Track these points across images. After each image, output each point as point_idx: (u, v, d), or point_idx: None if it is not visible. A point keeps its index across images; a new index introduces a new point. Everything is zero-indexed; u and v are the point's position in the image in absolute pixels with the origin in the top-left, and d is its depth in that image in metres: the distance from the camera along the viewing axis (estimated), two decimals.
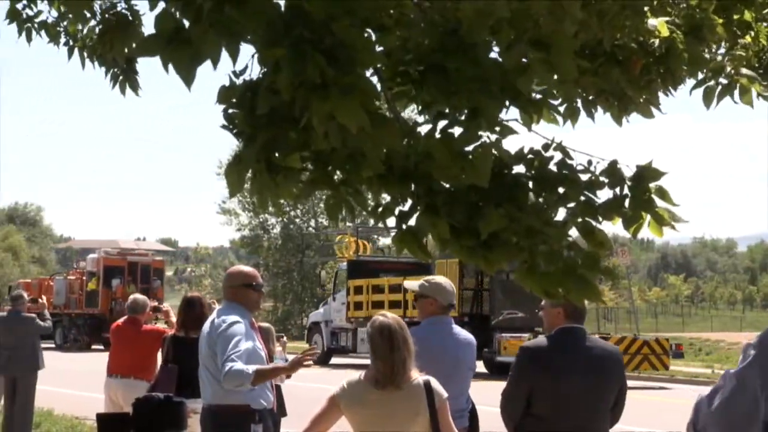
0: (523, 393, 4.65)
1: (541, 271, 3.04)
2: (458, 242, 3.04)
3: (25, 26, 4.66)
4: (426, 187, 3.02)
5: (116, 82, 4.79)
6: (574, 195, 3.12)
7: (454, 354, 5.26)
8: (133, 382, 8.55)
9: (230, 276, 5.60)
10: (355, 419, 4.13)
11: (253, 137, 2.83)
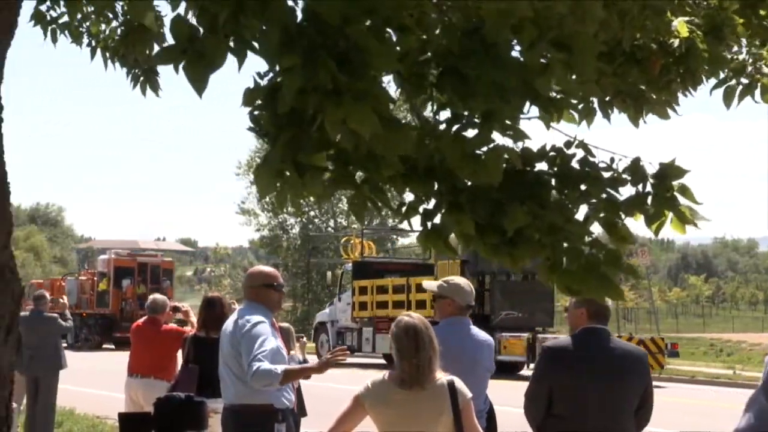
0: (544, 393, 4.64)
1: (563, 269, 3.04)
2: (482, 239, 3.05)
3: (49, 28, 4.69)
4: (450, 184, 3.03)
5: (137, 82, 4.82)
6: (597, 192, 3.11)
7: (472, 355, 5.26)
8: (153, 382, 8.58)
9: (251, 276, 5.61)
10: (379, 419, 4.14)
11: (277, 137, 2.85)
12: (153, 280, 34.59)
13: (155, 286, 33.60)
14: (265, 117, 2.87)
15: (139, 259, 35.68)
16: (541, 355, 4.85)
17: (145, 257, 36.24)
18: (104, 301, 34.41)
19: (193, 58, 2.53)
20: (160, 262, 36.33)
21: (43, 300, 10.85)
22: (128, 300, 33.86)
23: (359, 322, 25.76)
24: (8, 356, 2.60)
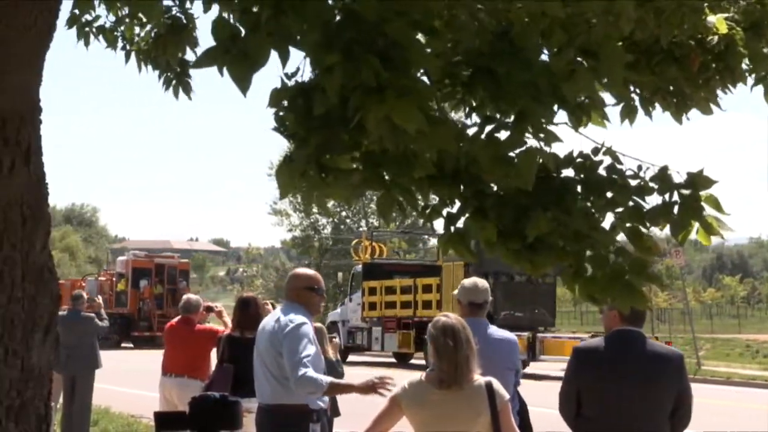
0: (573, 393, 4.63)
1: (587, 276, 3.02)
2: (504, 245, 3.03)
3: (83, 31, 4.73)
4: (475, 189, 3.02)
5: (169, 85, 4.85)
6: (623, 200, 3.09)
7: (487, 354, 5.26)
8: (187, 381, 8.63)
9: (296, 278, 5.61)
10: (415, 419, 4.13)
11: (306, 139, 2.85)
12: (169, 281, 35.69)
13: (172, 287, 35.36)
14: (291, 118, 2.88)
15: (156, 260, 36.81)
16: (571, 355, 4.83)
17: (161, 259, 37.45)
18: (122, 301, 35.23)
19: (236, 58, 2.55)
20: (176, 263, 37.40)
21: (81, 300, 10.96)
22: (145, 300, 34.86)
23: (369, 322, 26.40)
24: (47, 355, 2.63)
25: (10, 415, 2.47)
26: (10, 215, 2.51)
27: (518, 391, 5.43)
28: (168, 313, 35.54)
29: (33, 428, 2.55)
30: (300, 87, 2.85)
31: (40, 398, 2.59)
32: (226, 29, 2.58)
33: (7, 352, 2.48)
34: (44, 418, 2.62)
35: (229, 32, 2.57)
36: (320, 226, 54.31)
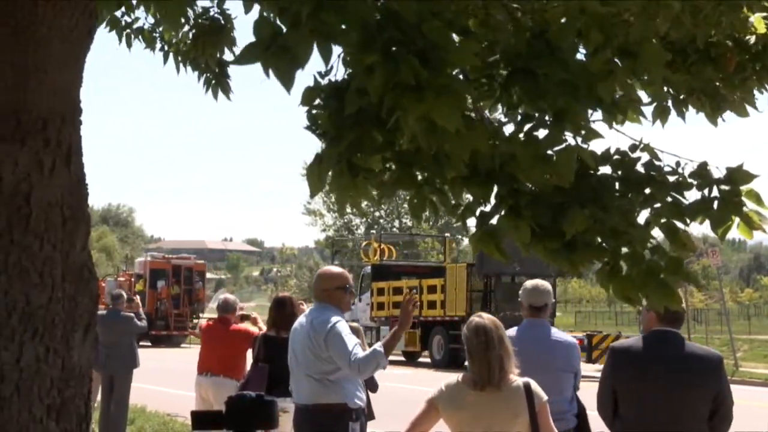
0: (609, 393, 4.60)
1: (623, 275, 3.00)
2: (542, 244, 3.02)
3: (124, 33, 4.78)
4: (510, 188, 3.01)
5: (209, 86, 4.89)
6: (662, 196, 3.06)
7: (544, 356, 5.24)
8: (222, 381, 8.70)
9: (327, 278, 5.63)
10: (452, 421, 4.13)
11: (337, 138, 2.86)
12: (186, 282, 36.79)
13: (188, 287, 36.67)
14: (323, 117, 2.88)
15: (173, 261, 37.88)
16: (607, 355, 4.80)
17: (178, 260, 38.49)
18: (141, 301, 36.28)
19: (278, 54, 2.55)
20: (192, 264, 38.47)
21: (121, 300, 11.08)
22: (163, 300, 35.64)
23: (377, 321, 26.95)
24: (87, 354, 2.66)
25: (51, 414, 2.50)
26: (51, 216, 2.54)
27: (577, 395, 5.42)
28: (184, 313, 36.64)
29: (74, 427, 2.58)
30: (333, 86, 2.86)
31: (81, 397, 2.62)
32: (268, 27, 2.59)
33: (48, 351, 2.51)
34: (84, 416, 2.64)
35: (270, 30, 2.58)
36: (354, 226, 54.41)
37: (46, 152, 2.51)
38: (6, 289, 2.42)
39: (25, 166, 2.47)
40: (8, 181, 2.43)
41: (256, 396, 3.34)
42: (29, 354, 2.45)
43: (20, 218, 2.46)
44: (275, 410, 3.39)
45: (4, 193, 2.43)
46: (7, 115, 2.42)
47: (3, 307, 2.41)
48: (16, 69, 2.42)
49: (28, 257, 2.47)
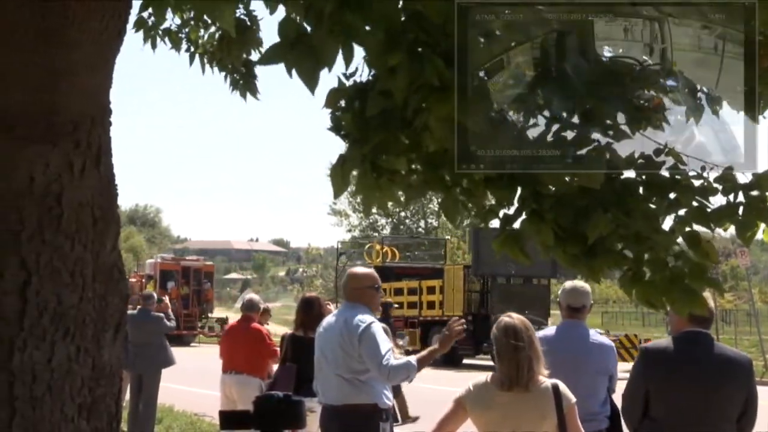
0: (639, 394, 4.58)
1: (646, 280, 2.98)
2: (562, 248, 3.01)
3: (150, 34, 4.81)
4: (533, 191, 2.99)
5: (235, 86, 4.90)
6: (687, 201, 3.04)
7: (581, 357, 5.26)
8: (246, 379, 8.80)
9: (359, 278, 5.65)
10: (480, 421, 4.12)
11: (361, 140, 2.85)
12: (195, 283, 38.27)
13: (197, 288, 38.14)
14: (347, 118, 2.88)
15: (182, 263, 39.51)
16: (638, 356, 4.79)
17: (188, 261, 40.26)
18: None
19: (302, 54, 2.56)
20: (201, 266, 40.00)
21: (151, 300, 11.22)
22: (172, 300, 37.73)
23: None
24: (117, 354, 2.67)
25: (82, 413, 2.52)
26: (82, 216, 2.56)
27: (611, 397, 5.41)
28: (193, 313, 37.80)
29: (104, 425, 2.60)
30: (357, 87, 2.86)
31: (111, 396, 2.64)
32: (292, 27, 2.59)
33: (79, 351, 2.52)
34: (115, 415, 2.66)
35: (295, 30, 2.58)
36: (379, 226, 54.45)
37: (76, 153, 2.53)
38: (38, 289, 2.44)
39: (56, 168, 2.49)
40: (39, 182, 2.46)
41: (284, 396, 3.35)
42: (61, 353, 2.47)
43: (51, 219, 2.48)
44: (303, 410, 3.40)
45: (36, 194, 2.45)
46: (39, 117, 2.45)
47: (35, 307, 2.43)
48: (47, 71, 2.44)
49: (60, 257, 2.49)
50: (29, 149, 2.43)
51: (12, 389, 2.38)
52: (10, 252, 2.41)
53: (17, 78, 2.41)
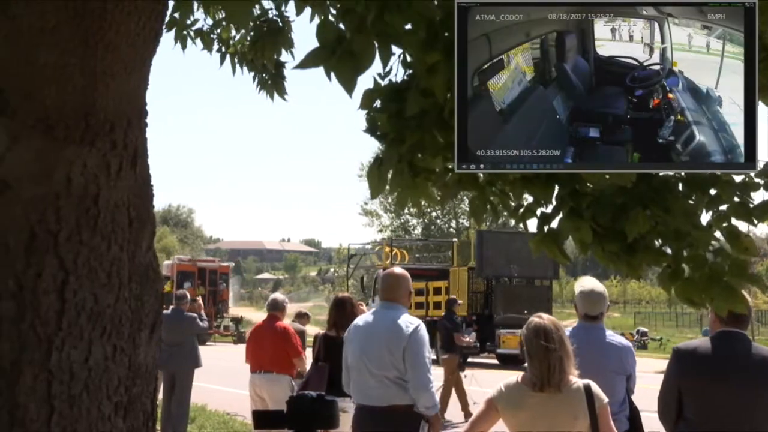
0: (673, 394, 4.56)
1: (686, 277, 2.95)
2: (601, 246, 2.99)
3: (181, 34, 4.83)
4: (571, 189, 2.98)
5: (263, 87, 4.92)
6: (728, 197, 3.01)
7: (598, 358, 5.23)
8: (276, 377, 8.89)
9: (397, 278, 5.67)
10: (512, 422, 4.12)
11: (398, 140, 2.85)
12: (211, 283, 39.58)
13: (213, 288, 39.47)
14: (383, 118, 2.88)
15: (198, 264, 40.87)
16: (671, 356, 4.76)
17: (204, 263, 41.60)
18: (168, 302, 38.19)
19: (343, 59, 2.57)
20: (217, 267, 41.32)
21: (185, 300, 11.32)
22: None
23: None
24: (153, 353, 2.69)
25: (119, 411, 2.54)
26: (118, 217, 2.58)
27: (630, 398, 5.39)
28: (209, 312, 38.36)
29: (140, 424, 2.62)
30: (393, 87, 2.86)
31: (147, 395, 2.66)
32: (332, 31, 2.60)
33: (116, 350, 2.54)
34: (150, 414, 2.68)
35: (335, 34, 2.59)
36: (410, 226, 54.45)
37: (113, 154, 2.55)
38: (75, 289, 2.46)
39: (93, 168, 2.51)
40: (77, 183, 2.48)
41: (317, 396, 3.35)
42: (98, 353, 2.49)
43: (88, 219, 2.51)
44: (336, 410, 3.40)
45: (73, 195, 2.48)
46: (76, 118, 2.47)
47: (72, 306, 2.45)
48: (84, 73, 2.47)
49: (96, 258, 2.51)
50: (67, 150, 2.46)
51: (50, 387, 2.41)
52: (48, 252, 2.43)
53: (56, 79, 2.44)
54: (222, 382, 18.55)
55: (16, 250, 2.41)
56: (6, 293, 2.40)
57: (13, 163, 2.41)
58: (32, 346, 2.40)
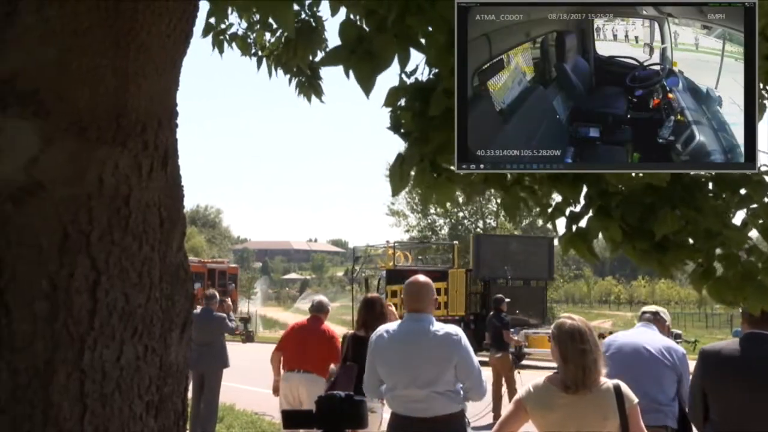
0: (699, 395, 4.55)
1: (718, 276, 2.93)
2: (631, 245, 2.97)
3: (218, 39, 4.84)
4: (599, 188, 2.97)
5: (301, 89, 4.92)
6: (759, 196, 2.99)
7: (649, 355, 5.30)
8: (315, 378, 8.89)
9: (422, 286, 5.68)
10: (541, 423, 4.11)
11: (422, 139, 2.86)
12: (220, 284, 40.26)
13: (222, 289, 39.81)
14: (407, 117, 2.88)
15: (208, 265, 42.12)
16: (698, 357, 4.75)
17: (213, 264, 42.82)
18: None
19: (362, 58, 2.58)
20: (226, 268, 42.74)
21: (214, 300, 11.38)
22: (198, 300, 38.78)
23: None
24: (184, 353, 2.71)
25: (150, 411, 2.56)
26: (149, 217, 2.59)
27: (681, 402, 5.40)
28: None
29: (171, 424, 2.63)
30: (418, 86, 2.86)
31: (178, 395, 2.67)
32: (353, 31, 2.61)
33: (147, 350, 2.56)
34: (182, 413, 2.70)
35: (356, 34, 2.60)
36: (437, 227, 54.40)
37: (144, 155, 2.57)
38: (107, 289, 2.48)
39: (125, 169, 2.52)
40: (109, 184, 2.49)
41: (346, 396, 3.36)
42: (129, 352, 2.51)
43: (120, 220, 2.52)
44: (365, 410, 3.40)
45: (105, 196, 2.49)
46: (108, 119, 2.49)
47: (104, 306, 2.47)
48: (117, 74, 2.48)
49: (128, 257, 2.53)
50: (99, 151, 2.48)
51: (83, 386, 2.43)
52: (80, 252, 2.45)
53: (88, 80, 2.46)
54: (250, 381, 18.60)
55: (49, 250, 2.44)
56: (40, 293, 2.42)
57: (47, 165, 2.44)
58: (65, 346, 2.42)
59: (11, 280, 2.45)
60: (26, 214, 2.44)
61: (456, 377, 5.20)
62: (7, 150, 2.44)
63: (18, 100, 2.43)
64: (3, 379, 2.43)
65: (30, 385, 2.42)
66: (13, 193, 2.44)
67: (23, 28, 2.44)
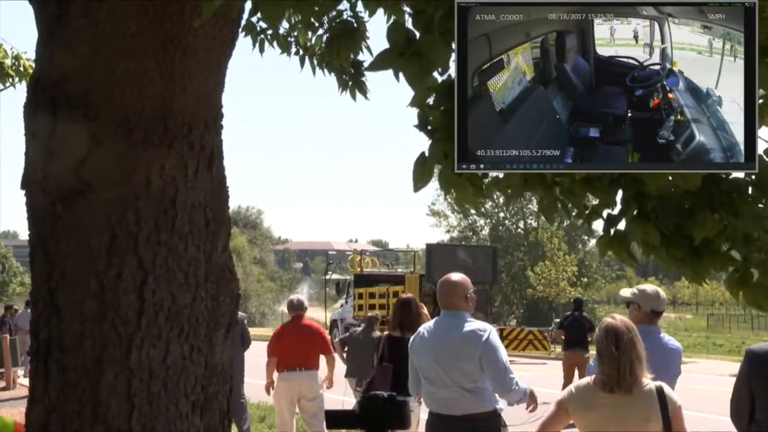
0: (745, 396, 4.50)
1: (754, 282, 2.90)
2: (665, 250, 2.94)
3: (258, 38, 4.87)
4: (634, 192, 2.94)
5: (345, 87, 4.94)
6: None
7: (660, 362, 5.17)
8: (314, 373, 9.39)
9: (456, 284, 5.66)
10: (583, 423, 4.09)
11: (447, 137, 2.85)
12: None
13: None
14: (436, 115, 2.88)
15: None
16: (744, 358, 4.70)
17: None
18: None
19: (412, 60, 2.58)
20: None
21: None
22: None
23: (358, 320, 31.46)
24: (228, 352, 2.73)
25: (196, 410, 2.58)
26: (195, 218, 2.61)
27: None
28: None
29: (217, 423, 2.66)
30: (449, 84, 2.86)
31: (223, 394, 2.70)
32: (401, 32, 2.62)
33: (193, 350, 2.58)
34: (226, 413, 2.72)
35: (404, 35, 2.61)
36: (478, 227, 54.26)
37: (190, 156, 2.59)
38: (154, 289, 2.50)
39: (171, 170, 2.55)
40: (156, 185, 2.52)
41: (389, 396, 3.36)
42: (175, 352, 2.53)
43: (167, 220, 2.55)
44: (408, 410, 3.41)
45: (152, 196, 2.52)
46: (155, 120, 2.51)
47: (151, 306, 2.50)
48: (163, 76, 2.51)
49: (174, 258, 2.55)
50: (147, 152, 2.50)
51: (131, 385, 2.46)
52: (128, 253, 2.48)
53: (136, 83, 2.48)
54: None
55: (98, 251, 2.47)
56: (89, 293, 2.45)
57: (95, 166, 2.47)
58: (113, 345, 2.45)
59: (61, 279, 2.48)
60: (76, 215, 2.48)
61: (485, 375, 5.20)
62: (58, 152, 2.48)
63: (68, 102, 2.47)
64: (53, 377, 2.47)
65: (79, 383, 2.45)
66: (63, 194, 2.48)
67: (73, 31, 2.47)
